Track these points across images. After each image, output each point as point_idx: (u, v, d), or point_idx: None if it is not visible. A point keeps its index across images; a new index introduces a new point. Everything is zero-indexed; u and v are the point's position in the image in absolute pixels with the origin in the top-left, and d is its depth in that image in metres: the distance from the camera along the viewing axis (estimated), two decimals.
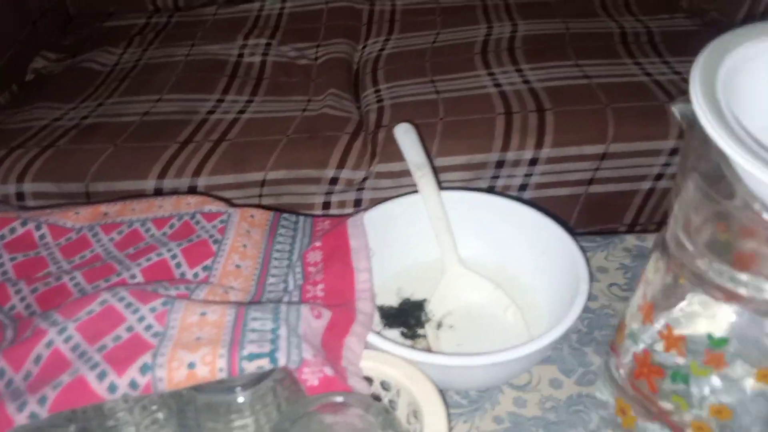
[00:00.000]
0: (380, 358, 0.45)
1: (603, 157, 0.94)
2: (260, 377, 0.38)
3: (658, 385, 0.40)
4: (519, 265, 0.59)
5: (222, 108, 1.06)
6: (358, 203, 0.96)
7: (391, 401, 0.46)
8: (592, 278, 0.50)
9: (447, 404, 0.51)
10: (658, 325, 0.39)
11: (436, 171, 0.94)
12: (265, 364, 0.37)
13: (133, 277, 0.53)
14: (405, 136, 0.67)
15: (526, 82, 1.04)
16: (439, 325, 0.56)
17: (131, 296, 0.44)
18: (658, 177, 0.97)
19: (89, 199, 0.93)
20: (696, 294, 0.37)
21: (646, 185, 0.98)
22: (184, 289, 0.48)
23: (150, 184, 0.93)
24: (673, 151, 0.94)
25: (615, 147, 0.93)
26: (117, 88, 1.15)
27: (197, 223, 0.60)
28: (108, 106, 1.10)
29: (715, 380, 0.38)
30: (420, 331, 0.57)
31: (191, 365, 0.37)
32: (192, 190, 0.91)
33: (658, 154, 0.94)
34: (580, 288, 0.48)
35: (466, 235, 0.61)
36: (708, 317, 0.37)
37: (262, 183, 0.92)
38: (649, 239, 0.67)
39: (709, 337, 0.37)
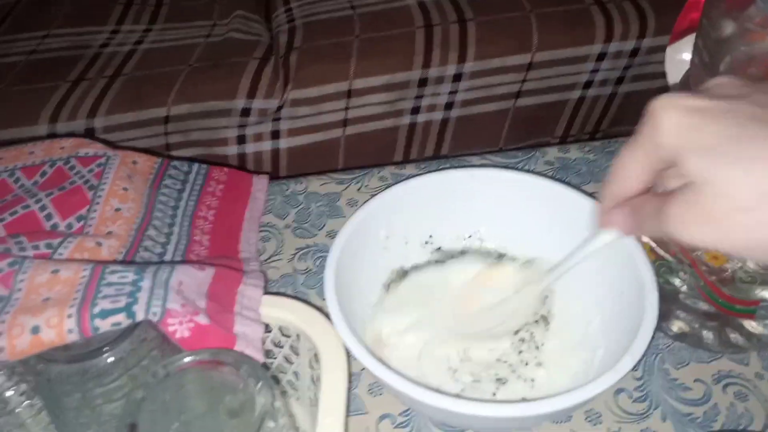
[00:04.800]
0: (277, 302, 0.41)
1: (529, 67, 0.89)
2: (122, 337, 0.33)
3: None
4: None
5: (117, 40, 0.96)
6: (275, 135, 0.90)
7: (292, 347, 0.42)
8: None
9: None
10: None
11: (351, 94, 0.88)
12: (121, 320, 0.32)
13: None
14: None
15: None
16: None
17: None
18: (587, 85, 0.93)
19: None
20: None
21: (575, 94, 0.94)
22: (45, 247, 0.42)
23: (42, 129, 0.84)
24: (601, 57, 0.90)
25: (541, 56, 0.88)
26: None
27: (71, 168, 0.53)
28: None
29: None
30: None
31: (35, 330, 0.32)
32: (89, 133, 0.83)
33: (585, 60, 0.90)
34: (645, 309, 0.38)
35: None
36: None
37: (166, 119, 0.84)
38: (573, 150, 0.64)
39: None
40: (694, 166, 0.25)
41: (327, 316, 0.39)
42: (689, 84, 0.41)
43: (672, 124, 0.26)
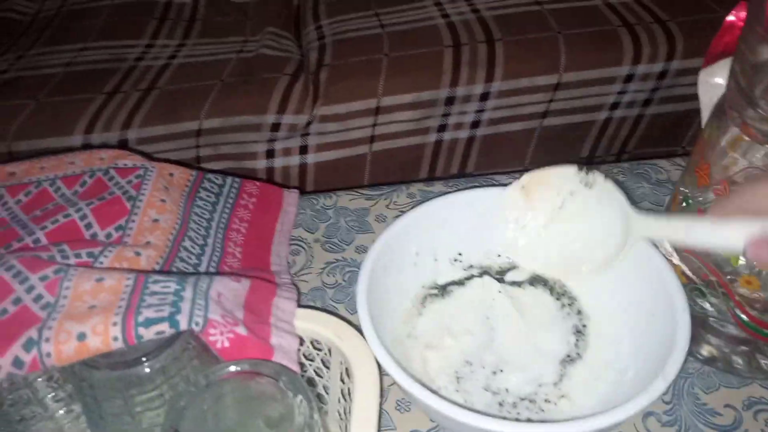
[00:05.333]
0: (309, 316, 0.42)
1: (556, 87, 0.90)
2: (164, 346, 0.34)
3: None
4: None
5: (151, 54, 0.98)
6: (303, 150, 0.91)
7: (323, 360, 0.43)
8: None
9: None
10: (714, 183, 0.41)
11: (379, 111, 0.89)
12: (164, 328, 0.33)
13: (36, 241, 0.48)
14: None
15: (475, 11, 0.98)
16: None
17: (20, 265, 0.39)
18: (614, 106, 0.93)
19: (12, 160, 0.86)
20: (757, 150, 0.39)
21: (602, 115, 0.94)
22: (86, 256, 0.43)
23: (77, 139, 0.86)
24: (628, 78, 0.90)
25: (568, 76, 0.89)
26: (38, 38, 1.06)
27: (111, 179, 0.55)
28: (29, 58, 1.01)
29: None
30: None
31: (81, 336, 0.33)
32: (122, 144, 0.85)
33: (613, 82, 0.90)
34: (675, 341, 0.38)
35: None
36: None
37: (198, 133, 0.86)
38: (601, 171, 0.64)
39: None
40: None
41: (358, 330, 0.40)
42: (724, 109, 0.42)
43: None
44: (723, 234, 0.35)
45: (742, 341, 0.44)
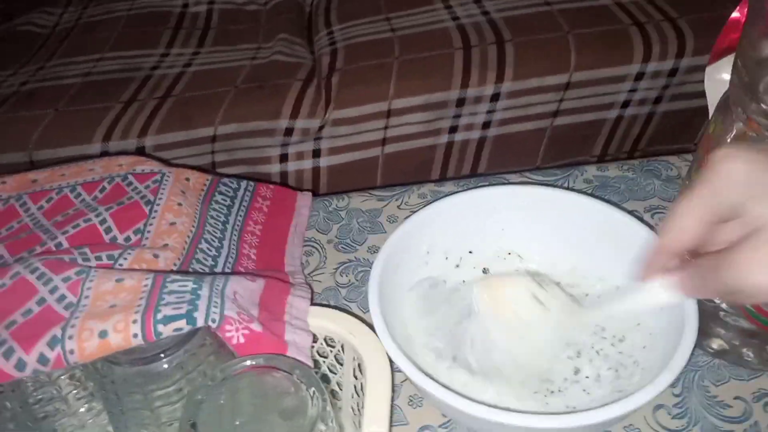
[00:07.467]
0: (322, 313, 0.43)
1: (567, 87, 0.90)
2: (182, 342, 0.36)
3: None
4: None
5: (166, 62, 1.00)
6: (317, 153, 0.93)
7: (336, 357, 0.44)
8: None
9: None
10: None
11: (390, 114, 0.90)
12: (182, 325, 0.35)
13: (59, 246, 0.49)
14: None
15: (485, 13, 0.99)
16: None
17: (44, 267, 0.41)
18: (625, 104, 0.93)
19: (34, 168, 0.88)
20: (762, 144, 0.39)
21: (613, 114, 0.95)
22: (106, 259, 0.45)
23: (95, 147, 0.88)
24: (639, 76, 0.90)
25: (578, 75, 0.89)
26: (57, 49, 1.09)
27: (129, 184, 0.56)
28: (48, 69, 1.04)
29: None
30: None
31: (103, 334, 0.34)
32: (140, 151, 0.87)
33: (624, 80, 0.90)
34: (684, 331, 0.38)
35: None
36: None
37: (213, 138, 0.88)
38: (612, 168, 0.64)
39: None
40: (765, 211, 0.27)
41: (370, 327, 0.41)
42: (729, 104, 0.42)
43: (738, 172, 0.28)
44: (650, 292, 0.35)
45: (752, 334, 0.45)
